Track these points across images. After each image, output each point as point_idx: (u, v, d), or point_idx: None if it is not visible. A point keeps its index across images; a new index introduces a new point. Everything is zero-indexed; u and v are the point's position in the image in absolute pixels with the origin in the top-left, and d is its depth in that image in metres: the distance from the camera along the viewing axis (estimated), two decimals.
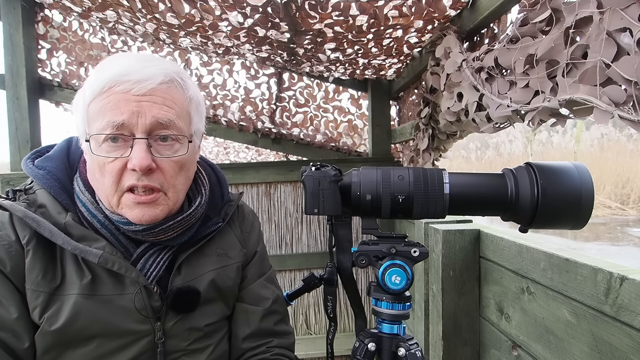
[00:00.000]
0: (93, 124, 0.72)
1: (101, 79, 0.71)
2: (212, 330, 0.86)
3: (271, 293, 0.94)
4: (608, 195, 11.60)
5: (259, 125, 2.59)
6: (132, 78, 0.71)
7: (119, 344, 0.75)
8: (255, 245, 0.97)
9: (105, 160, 0.72)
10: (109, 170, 0.72)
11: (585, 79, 0.72)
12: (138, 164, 0.70)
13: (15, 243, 0.72)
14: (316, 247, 2.51)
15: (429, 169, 0.74)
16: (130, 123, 0.71)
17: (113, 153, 0.72)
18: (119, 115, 0.70)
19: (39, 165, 0.79)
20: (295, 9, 1.35)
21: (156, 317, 0.77)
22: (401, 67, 2.04)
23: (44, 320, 0.71)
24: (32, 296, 0.71)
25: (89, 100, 0.73)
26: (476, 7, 1.23)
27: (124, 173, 0.72)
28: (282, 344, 0.92)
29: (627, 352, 0.70)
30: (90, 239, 0.74)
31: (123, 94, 0.71)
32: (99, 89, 0.71)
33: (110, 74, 0.71)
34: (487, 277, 1.20)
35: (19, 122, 2.34)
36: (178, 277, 0.81)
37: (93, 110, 0.72)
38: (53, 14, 2.43)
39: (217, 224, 0.87)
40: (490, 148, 19.33)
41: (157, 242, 0.79)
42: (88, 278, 0.73)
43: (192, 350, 0.82)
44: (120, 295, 0.75)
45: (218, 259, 0.87)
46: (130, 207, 0.73)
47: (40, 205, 0.75)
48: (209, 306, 0.85)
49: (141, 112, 0.71)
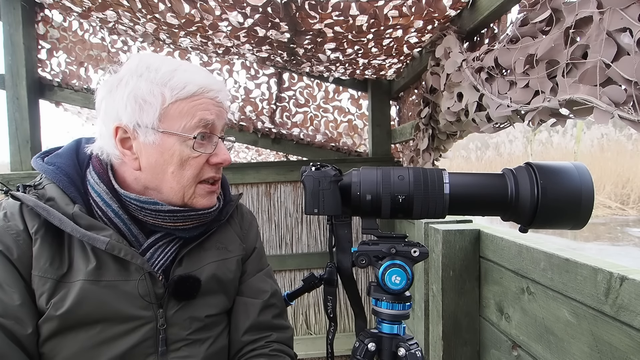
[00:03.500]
0: (175, 122, 0.79)
1: (195, 84, 0.79)
2: (212, 323, 0.88)
3: (269, 287, 0.97)
4: (608, 195, 11.60)
5: (259, 125, 2.59)
6: (215, 87, 0.82)
7: (122, 330, 0.78)
8: (254, 242, 1.01)
9: (192, 155, 0.80)
10: (194, 164, 0.81)
11: (585, 79, 0.72)
12: (227, 158, 0.84)
13: (23, 232, 0.75)
14: (316, 247, 2.51)
15: (429, 169, 0.74)
16: (216, 124, 0.82)
17: (201, 149, 0.81)
18: (209, 115, 0.80)
19: (49, 161, 0.83)
20: (295, 9, 1.35)
21: (158, 303, 0.80)
22: (401, 67, 2.04)
23: (51, 306, 0.74)
24: (39, 282, 0.74)
25: (173, 100, 0.78)
26: (476, 7, 1.23)
27: (203, 166, 0.82)
28: (281, 339, 0.94)
29: (627, 352, 0.70)
30: (97, 228, 0.78)
31: (211, 99, 0.81)
32: (192, 92, 0.79)
33: (200, 80, 0.80)
34: (487, 277, 1.20)
35: (19, 122, 2.34)
36: (179, 269, 0.85)
37: (179, 109, 0.79)
38: (53, 14, 2.43)
39: (218, 221, 0.92)
40: (490, 148, 19.32)
41: (171, 230, 0.84)
42: (93, 264, 0.76)
43: (193, 341, 0.84)
44: (125, 281, 0.78)
45: (218, 252, 0.91)
46: (204, 195, 0.84)
47: (48, 198, 0.79)
48: (210, 297, 0.87)
49: (220, 115, 0.83)
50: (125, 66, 0.82)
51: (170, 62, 0.83)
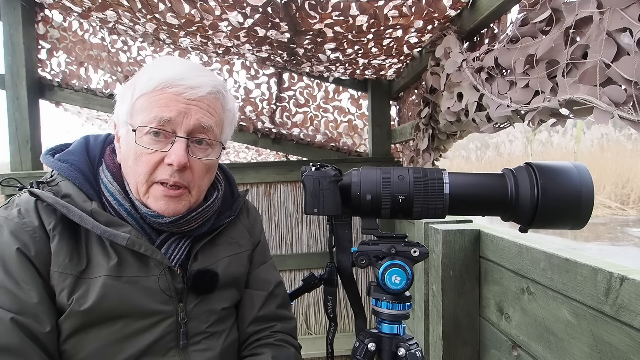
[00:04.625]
0: (137, 116, 0.78)
1: (157, 79, 0.77)
2: (226, 316, 0.90)
3: (273, 277, 0.99)
4: (608, 195, 11.60)
5: (259, 125, 2.59)
6: (185, 83, 0.78)
7: (144, 325, 0.78)
8: (259, 235, 1.04)
9: (144, 151, 0.78)
10: (145, 161, 0.78)
11: (585, 79, 0.72)
12: (177, 160, 0.77)
13: (39, 229, 0.75)
14: (316, 247, 2.51)
15: (429, 169, 0.74)
16: (176, 121, 0.77)
17: (153, 146, 0.78)
18: (166, 112, 0.77)
19: (61, 159, 0.83)
20: (295, 9, 1.35)
21: (178, 297, 0.82)
22: (401, 67, 2.04)
23: (73, 302, 0.74)
24: (59, 279, 0.74)
25: (139, 95, 0.79)
26: (476, 7, 1.23)
27: (158, 166, 0.78)
28: (285, 329, 0.96)
29: (627, 352, 0.70)
30: (116, 224, 0.78)
31: (175, 95, 0.77)
32: (152, 86, 0.77)
33: (166, 75, 0.77)
34: (487, 277, 1.20)
35: (19, 122, 2.34)
36: (195, 264, 0.86)
37: (141, 104, 0.78)
38: (53, 14, 2.43)
39: (229, 216, 0.94)
40: (490, 148, 19.32)
41: (179, 232, 0.84)
42: (115, 260, 0.77)
43: (211, 334, 0.86)
44: (145, 277, 0.79)
45: (229, 247, 0.92)
46: (157, 198, 0.80)
47: (64, 195, 0.79)
48: (225, 291, 0.89)
49: (187, 113, 0.78)
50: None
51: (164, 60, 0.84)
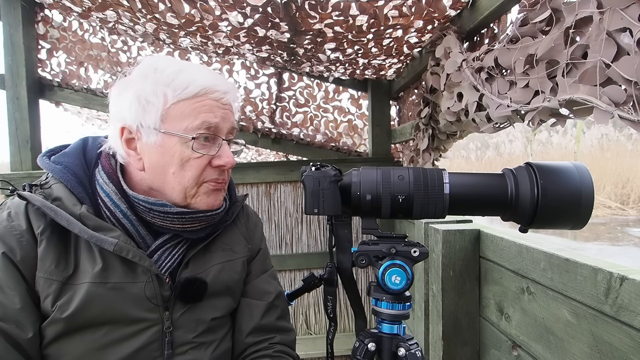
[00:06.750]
0: (178, 122, 0.78)
1: (196, 85, 0.78)
2: (217, 326, 0.88)
3: (274, 288, 0.98)
4: (608, 195, 11.60)
5: (259, 125, 2.59)
6: (220, 89, 0.81)
7: (128, 332, 0.77)
8: (259, 243, 1.01)
9: (192, 156, 0.79)
10: (195, 165, 0.80)
11: (585, 79, 0.72)
12: (230, 161, 0.82)
13: (27, 233, 0.74)
14: (316, 247, 2.51)
15: (429, 169, 0.74)
16: (221, 126, 0.81)
17: (202, 150, 0.80)
18: (213, 118, 0.79)
19: (56, 160, 0.82)
20: (295, 9, 1.35)
21: (165, 306, 0.80)
22: (401, 67, 2.04)
23: (56, 309, 0.72)
24: (44, 284, 0.73)
25: (175, 101, 0.78)
26: (476, 7, 1.23)
27: (206, 168, 0.81)
28: (284, 341, 0.94)
29: (627, 352, 0.70)
30: (105, 229, 0.77)
31: (215, 101, 0.80)
32: (193, 92, 0.78)
33: (204, 81, 0.79)
34: (487, 277, 1.20)
35: (19, 122, 2.34)
36: (185, 271, 0.84)
37: (181, 110, 0.78)
38: (53, 14, 2.43)
39: (225, 222, 0.92)
40: (490, 148, 19.33)
41: (179, 232, 0.83)
42: (99, 266, 0.75)
43: (199, 344, 0.84)
44: (132, 283, 0.77)
45: (223, 254, 0.90)
46: (208, 193, 0.83)
47: (55, 198, 0.78)
48: (215, 300, 0.87)
49: (226, 118, 0.82)
50: (136, 68, 0.83)
51: (177, 63, 0.83)
